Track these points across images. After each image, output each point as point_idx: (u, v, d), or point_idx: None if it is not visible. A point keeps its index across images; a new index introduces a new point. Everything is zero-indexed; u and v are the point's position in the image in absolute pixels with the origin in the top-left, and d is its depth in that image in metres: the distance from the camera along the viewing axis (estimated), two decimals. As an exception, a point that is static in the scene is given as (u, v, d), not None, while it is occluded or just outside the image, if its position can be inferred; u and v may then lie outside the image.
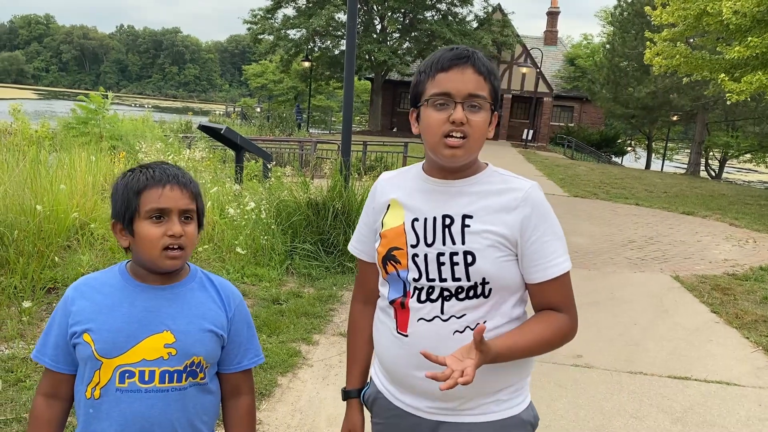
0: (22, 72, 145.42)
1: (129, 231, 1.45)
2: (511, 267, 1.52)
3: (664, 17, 14.80)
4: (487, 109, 1.48)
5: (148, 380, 1.46)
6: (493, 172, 1.58)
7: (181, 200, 1.45)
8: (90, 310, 1.47)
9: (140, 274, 1.50)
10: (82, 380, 1.49)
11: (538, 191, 1.54)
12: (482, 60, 1.48)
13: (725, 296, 6.31)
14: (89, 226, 5.71)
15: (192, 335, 1.49)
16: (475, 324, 1.51)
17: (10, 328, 4.07)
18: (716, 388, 4.16)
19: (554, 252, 1.51)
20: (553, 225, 1.53)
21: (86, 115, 11.53)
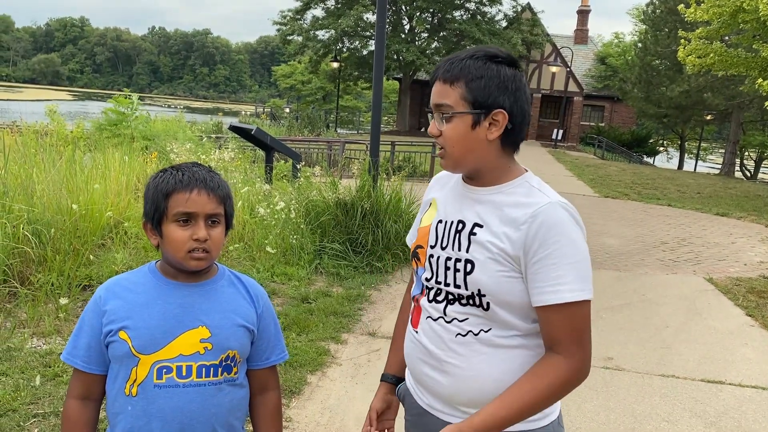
0: (58, 74, 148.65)
1: (158, 231, 1.49)
2: (514, 284, 1.43)
3: (699, 14, 14.52)
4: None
5: (186, 375, 1.49)
6: (522, 183, 1.48)
7: (208, 205, 1.47)
8: (125, 308, 1.49)
9: (171, 272, 1.53)
10: (115, 378, 1.51)
11: (555, 210, 1.40)
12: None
13: (761, 299, 6.18)
14: (123, 224, 5.82)
15: (226, 329, 1.53)
16: (478, 330, 1.48)
17: (48, 325, 4.17)
18: (751, 393, 4.08)
19: (558, 277, 1.37)
20: (565, 248, 1.38)
21: (117, 117, 11.75)
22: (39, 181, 5.70)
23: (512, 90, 1.44)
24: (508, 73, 1.44)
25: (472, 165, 1.49)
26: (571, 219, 1.41)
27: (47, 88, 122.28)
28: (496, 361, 1.47)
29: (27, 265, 4.77)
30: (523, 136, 1.51)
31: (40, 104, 20.25)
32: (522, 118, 1.46)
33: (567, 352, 1.41)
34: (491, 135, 1.44)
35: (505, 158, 1.50)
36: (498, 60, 1.45)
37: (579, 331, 1.40)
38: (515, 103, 1.44)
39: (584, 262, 1.40)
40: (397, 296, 5.66)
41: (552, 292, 1.38)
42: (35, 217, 5.01)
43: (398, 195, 6.84)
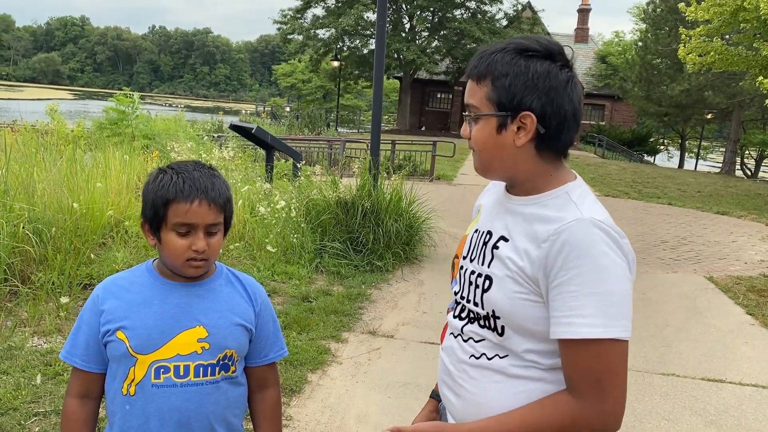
0: (58, 73, 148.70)
1: (156, 236, 1.48)
2: (533, 309, 1.25)
3: (699, 14, 14.51)
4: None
5: (183, 374, 1.49)
6: (561, 194, 1.29)
7: (208, 216, 1.45)
8: (122, 308, 1.49)
9: (167, 272, 1.53)
10: (114, 378, 1.51)
11: (584, 228, 1.20)
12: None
13: (761, 298, 6.18)
14: (124, 223, 5.83)
15: (224, 329, 1.52)
16: (493, 354, 1.33)
17: (48, 323, 4.17)
18: (752, 392, 4.08)
19: (575, 308, 1.18)
20: (588, 274, 1.18)
21: (118, 115, 11.75)
22: (40, 180, 5.71)
23: (544, 89, 1.25)
24: (539, 69, 1.25)
25: (503, 172, 1.34)
26: (605, 241, 1.20)
27: (48, 87, 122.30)
28: (510, 392, 1.31)
29: (28, 263, 4.78)
30: (567, 139, 1.31)
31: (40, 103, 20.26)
32: (559, 120, 1.27)
33: (581, 396, 1.21)
34: (519, 141, 1.28)
35: (544, 165, 1.31)
36: (529, 54, 1.27)
37: (597, 375, 1.19)
38: (548, 104, 1.25)
39: (613, 295, 1.18)
40: (397, 295, 5.67)
41: (566, 324, 1.20)
42: (36, 216, 5.01)
43: (399, 194, 6.84)
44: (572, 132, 1.30)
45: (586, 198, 1.29)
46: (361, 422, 3.38)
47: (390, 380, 3.91)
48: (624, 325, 1.19)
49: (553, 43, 1.29)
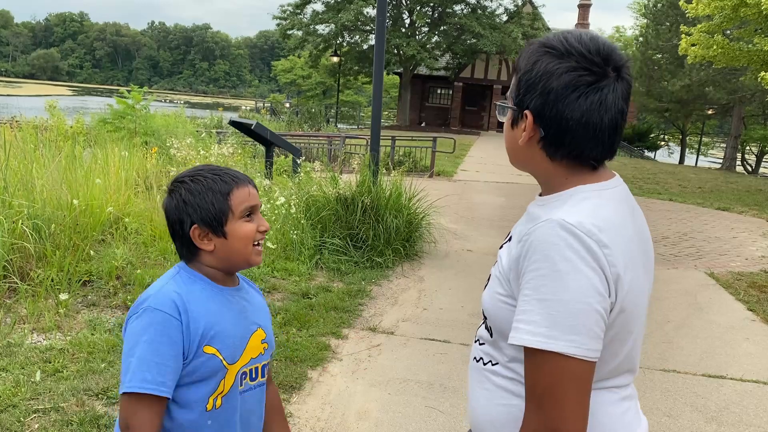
0: (57, 69, 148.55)
1: (220, 233, 1.43)
2: (507, 311, 1.19)
3: (700, 9, 14.46)
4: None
5: (254, 377, 1.53)
6: (562, 196, 1.21)
7: (257, 196, 1.50)
8: (205, 320, 1.40)
9: (219, 278, 1.48)
10: (190, 398, 1.41)
11: (548, 229, 1.11)
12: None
13: (762, 294, 6.17)
14: (123, 220, 5.82)
15: (270, 329, 1.60)
16: (487, 360, 1.29)
17: (48, 320, 4.16)
18: (753, 388, 4.07)
19: (524, 313, 1.11)
20: (542, 279, 1.09)
21: (123, 110, 11.71)
22: (39, 176, 5.69)
23: (542, 90, 1.16)
24: (543, 68, 1.16)
25: (521, 166, 1.30)
26: (570, 246, 1.08)
27: (47, 83, 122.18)
28: (494, 404, 1.26)
29: (27, 260, 4.77)
30: (579, 148, 1.18)
31: (39, 99, 20.23)
32: (559, 125, 1.16)
33: (525, 414, 1.13)
34: (521, 139, 1.22)
35: (557, 168, 1.22)
36: (547, 50, 1.18)
37: (541, 390, 1.08)
38: (546, 106, 1.16)
39: (567, 304, 1.07)
40: (397, 291, 5.66)
41: (514, 329, 1.12)
42: (35, 213, 5.00)
43: (399, 190, 6.83)
44: (585, 142, 1.17)
45: (586, 201, 1.17)
46: (362, 419, 3.37)
47: (390, 377, 3.91)
48: (575, 341, 1.06)
49: (584, 42, 1.16)
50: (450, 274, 6.35)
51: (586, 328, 1.07)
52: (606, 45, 1.17)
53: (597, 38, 1.18)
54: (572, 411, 1.07)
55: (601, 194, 1.19)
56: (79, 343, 3.86)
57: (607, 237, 1.11)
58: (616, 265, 1.11)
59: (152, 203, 6.27)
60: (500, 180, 14.82)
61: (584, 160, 1.20)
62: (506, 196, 12.17)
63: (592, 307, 1.07)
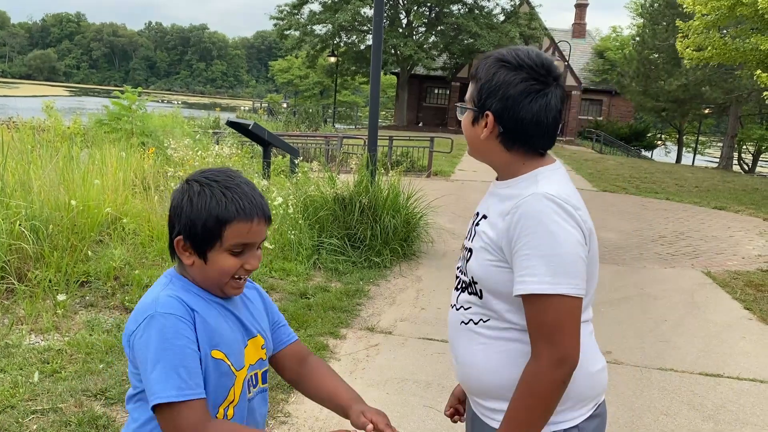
0: (54, 69, 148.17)
1: (201, 255, 1.35)
2: (501, 273, 1.45)
3: (697, 8, 14.52)
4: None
5: (256, 383, 1.49)
6: (530, 177, 1.49)
7: (263, 233, 1.38)
8: (208, 323, 1.36)
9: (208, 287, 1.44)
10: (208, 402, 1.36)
11: (536, 200, 1.39)
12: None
13: (759, 292, 6.19)
14: (121, 220, 5.81)
15: (268, 332, 1.56)
16: (478, 319, 1.52)
17: (46, 321, 4.16)
18: (749, 386, 4.09)
19: (528, 268, 1.37)
20: (539, 239, 1.37)
21: (120, 111, 11.70)
22: (36, 177, 5.69)
23: (502, 96, 1.45)
24: (501, 79, 1.45)
25: (480, 157, 1.58)
26: (555, 211, 1.38)
27: (43, 83, 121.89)
28: (492, 352, 1.50)
29: (24, 261, 4.76)
30: (532, 140, 1.49)
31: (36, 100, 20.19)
32: (516, 124, 1.46)
33: (535, 351, 1.40)
34: (482, 134, 1.51)
35: (513, 157, 1.52)
36: (502, 64, 1.47)
37: (549, 327, 1.37)
38: (504, 109, 1.46)
39: (562, 256, 1.36)
40: (395, 291, 5.67)
41: (520, 282, 1.39)
42: (33, 214, 4.99)
43: (396, 190, 6.83)
44: (536, 136, 1.48)
45: (551, 177, 1.47)
46: (360, 419, 3.37)
47: (388, 376, 3.91)
48: (573, 284, 1.37)
49: (532, 58, 1.46)
50: (448, 273, 6.36)
51: (578, 272, 1.38)
52: (547, 59, 1.48)
53: (540, 54, 1.49)
54: (575, 339, 1.38)
55: (557, 172, 1.51)
56: (77, 343, 3.86)
57: (576, 202, 1.44)
58: (587, 221, 1.44)
59: (150, 204, 6.27)
60: (498, 180, 14.82)
61: (534, 149, 1.51)
62: (504, 195, 12.16)
63: (579, 256, 1.39)
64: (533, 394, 1.39)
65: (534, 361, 1.39)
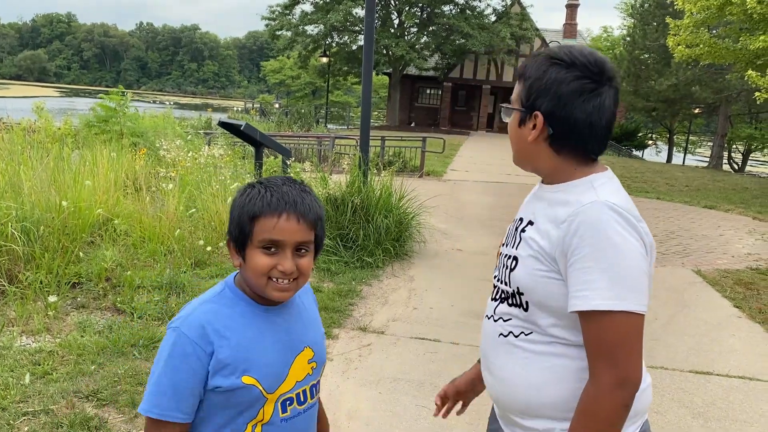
0: (45, 70, 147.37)
1: (241, 254, 1.37)
2: (552, 285, 1.36)
3: (687, 6, 14.61)
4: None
5: (304, 400, 1.45)
6: (584, 183, 1.40)
7: (297, 233, 1.32)
8: (241, 349, 1.34)
9: (261, 298, 1.40)
10: (229, 422, 1.37)
11: (598, 209, 1.30)
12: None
13: (748, 291, 6.24)
14: (112, 221, 5.80)
15: (320, 343, 1.51)
16: (519, 332, 1.44)
17: (37, 322, 4.15)
18: (738, 383, 4.12)
19: (588, 282, 1.27)
20: (601, 251, 1.27)
21: (106, 113, 11.65)
22: (27, 178, 5.67)
23: (554, 95, 1.37)
24: (553, 77, 1.37)
25: (526, 163, 1.50)
26: (618, 221, 1.29)
27: (34, 84, 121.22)
28: (535, 368, 1.41)
29: (15, 263, 4.75)
30: (583, 144, 1.40)
31: (26, 101, 20.07)
32: (567, 125, 1.38)
33: (594, 372, 1.30)
34: (530, 136, 1.42)
35: (563, 162, 1.43)
36: (554, 62, 1.39)
37: (610, 346, 1.27)
38: (556, 109, 1.37)
39: (626, 270, 1.27)
40: (388, 291, 5.68)
41: (580, 297, 1.29)
42: (23, 215, 4.97)
43: (388, 190, 6.84)
44: (588, 139, 1.39)
45: (607, 185, 1.38)
46: (352, 418, 3.39)
47: (381, 376, 3.92)
48: (637, 300, 1.27)
49: (585, 56, 1.38)
50: (440, 273, 6.38)
51: (643, 288, 1.29)
52: (600, 58, 1.40)
53: (594, 52, 1.41)
54: (638, 359, 1.29)
55: (612, 181, 1.42)
56: (68, 345, 3.85)
57: (638, 213, 1.35)
58: (649, 234, 1.36)
59: (142, 204, 6.26)
60: (489, 180, 14.87)
61: (586, 153, 1.42)
62: (495, 195, 12.21)
63: (643, 270, 1.30)
64: (596, 419, 1.28)
65: (593, 382, 1.30)
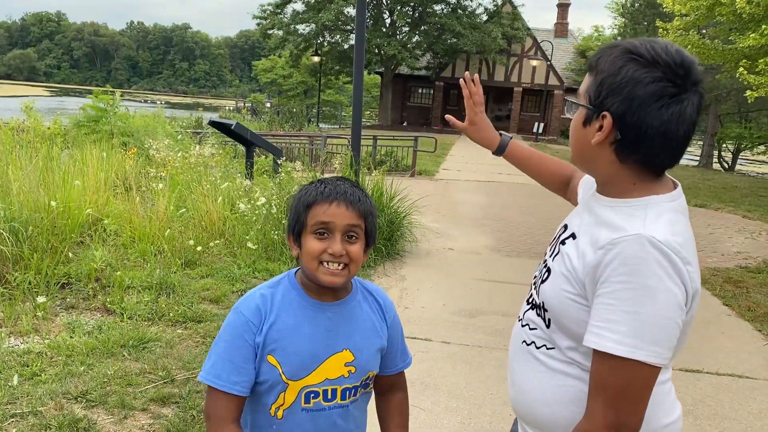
0: (34, 69, 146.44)
1: (298, 243, 1.45)
2: (577, 310, 1.26)
3: (677, 7, 14.68)
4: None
5: (331, 398, 1.49)
6: (638, 205, 1.24)
7: (346, 217, 1.41)
8: (275, 331, 1.43)
9: (313, 289, 1.48)
10: (260, 397, 1.47)
11: (639, 244, 1.15)
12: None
13: (737, 289, 6.28)
14: (102, 221, 5.77)
15: (367, 352, 1.52)
16: (541, 344, 1.37)
17: (25, 323, 4.11)
18: (728, 381, 4.14)
19: (608, 321, 1.16)
20: (629, 292, 1.14)
21: (96, 113, 11.60)
22: (15, 178, 5.63)
23: (627, 95, 1.19)
24: (629, 75, 1.19)
25: (584, 165, 1.36)
26: (659, 262, 1.14)
27: (23, 83, 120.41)
28: (550, 384, 1.35)
29: (3, 263, 4.71)
30: (653, 156, 1.23)
31: (16, 100, 19.94)
32: (639, 133, 1.20)
33: (590, 408, 1.22)
34: (594, 138, 1.26)
35: (624, 173, 1.27)
36: (633, 56, 1.20)
37: (614, 391, 1.18)
38: (628, 112, 1.20)
39: (653, 318, 1.14)
40: (379, 290, 5.67)
41: (596, 335, 1.19)
42: (12, 215, 4.94)
43: (380, 189, 6.84)
44: (660, 151, 1.22)
45: (663, 215, 1.21)
46: (343, 418, 3.38)
47: (372, 376, 3.91)
48: (656, 352, 1.15)
49: (671, 54, 1.19)
50: (431, 272, 6.38)
51: (667, 340, 1.17)
52: (688, 58, 1.20)
53: (681, 51, 1.21)
54: (640, 408, 1.18)
55: (672, 207, 1.25)
56: (57, 346, 3.82)
57: (688, 254, 1.19)
58: (695, 280, 1.20)
59: (132, 204, 6.23)
60: (481, 179, 14.90)
61: (653, 167, 1.26)
62: (487, 194, 12.23)
63: (675, 322, 1.17)
64: None
65: (587, 418, 1.22)
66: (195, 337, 4.18)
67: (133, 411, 3.17)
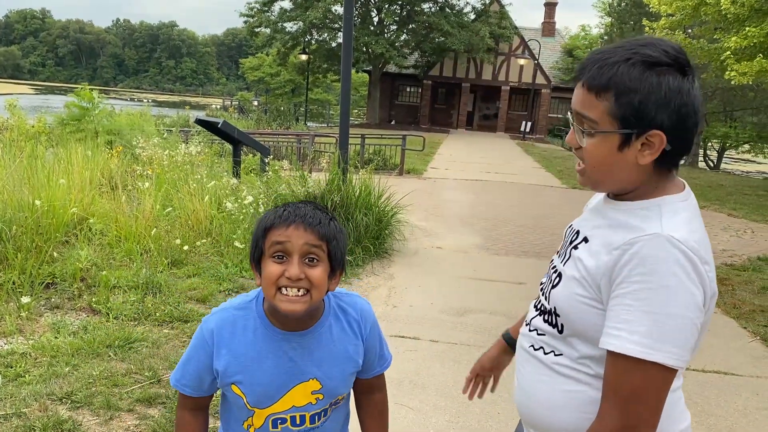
0: (18, 67, 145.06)
1: (258, 270, 1.41)
2: (591, 314, 1.23)
3: (663, 8, 14.79)
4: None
5: (300, 423, 1.49)
6: (652, 206, 1.23)
7: (303, 238, 1.34)
8: (236, 362, 1.42)
9: (279, 318, 1.42)
10: (232, 408, 1.50)
11: (658, 243, 1.14)
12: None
13: (723, 286, 6.33)
14: (87, 221, 5.71)
15: (336, 378, 1.49)
16: (549, 350, 1.35)
17: (9, 324, 4.06)
18: (714, 378, 4.18)
19: (627, 322, 1.14)
20: (650, 291, 1.12)
21: (80, 112, 11.50)
22: (-1, 177, 5.56)
23: (676, 107, 1.16)
24: (672, 85, 1.16)
25: (616, 186, 1.29)
26: (678, 262, 1.13)
27: (7, 81, 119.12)
28: (558, 390, 1.33)
29: (-13, 263, 4.65)
30: (684, 152, 1.24)
31: (-1, 98, 19.74)
32: (687, 137, 1.20)
33: (603, 411, 1.19)
34: (643, 159, 1.20)
35: (654, 178, 1.25)
36: (660, 67, 1.17)
37: (628, 393, 1.15)
38: (679, 122, 1.17)
39: (673, 318, 1.12)
40: (368, 289, 5.66)
41: (614, 336, 1.16)
42: (-5, 215, 4.88)
43: (368, 188, 6.83)
44: (686, 148, 1.23)
45: (678, 214, 1.20)
46: (332, 417, 3.37)
47: (360, 375, 3.90)
48: (674, 353, 1.13)
49: (679, 50, 1.19)
50: (420, 271, 6.38)
51: (686, 341, 1.14)
52: (677, 45, 1.21)
53: (670, 42, 1.21)
54: (655, 412, 1.16)
55: (686, 206, 1.24)
56: (41, 346, 3.78)
57: (705, 253, 1.17)
58: (713, 280, 1.19)
59: (117, 203, 6.18)
60: (469, 177, 14.93)
61: (675, 164, 1.25)
62: (475, 193, 12.25)
63: (693, 322, 1.14)
64: None
65: (599, 421, 1.19)
66: (182, 337, 4.15)
67: (119, 412, 3.14)
